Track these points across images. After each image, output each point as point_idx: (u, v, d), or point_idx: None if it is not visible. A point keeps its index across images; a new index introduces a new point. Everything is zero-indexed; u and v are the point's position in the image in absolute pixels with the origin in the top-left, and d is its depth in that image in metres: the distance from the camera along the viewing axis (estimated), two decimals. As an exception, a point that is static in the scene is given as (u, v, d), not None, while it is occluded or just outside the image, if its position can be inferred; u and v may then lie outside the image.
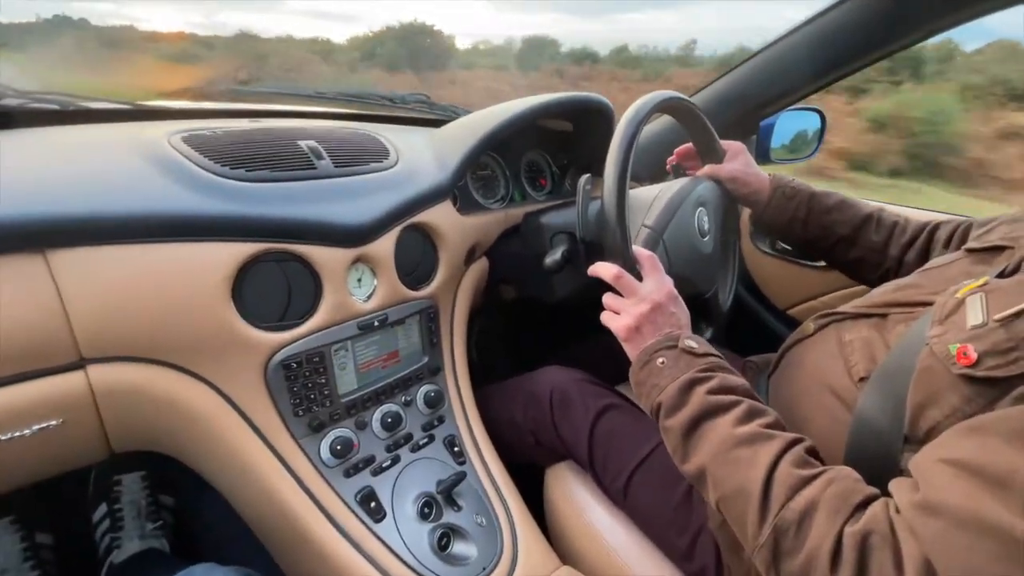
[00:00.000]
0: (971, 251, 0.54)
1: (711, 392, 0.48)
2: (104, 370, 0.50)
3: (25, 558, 0.75)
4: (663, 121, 1.06)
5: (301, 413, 0.60)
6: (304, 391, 0.60)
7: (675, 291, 0.58)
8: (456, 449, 0.70)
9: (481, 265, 0.85)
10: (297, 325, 0.59)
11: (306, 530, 0.57)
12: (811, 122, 1.08)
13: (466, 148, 0.76)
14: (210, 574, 0.46)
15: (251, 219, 0.54)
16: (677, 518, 0.63)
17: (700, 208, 0.72)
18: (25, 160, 0.52)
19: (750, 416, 0.46)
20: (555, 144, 1.01)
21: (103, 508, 0.83)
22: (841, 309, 0.58)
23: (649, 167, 1.02)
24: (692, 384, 0.49)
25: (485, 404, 0.78)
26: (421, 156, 0.76)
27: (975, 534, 0.32)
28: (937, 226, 0.71)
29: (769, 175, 0.79)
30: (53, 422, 0.49)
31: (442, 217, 0.73)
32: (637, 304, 0.56)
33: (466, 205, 0.82)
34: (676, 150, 0.84)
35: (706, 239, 0.73)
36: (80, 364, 0.49)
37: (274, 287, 0.57)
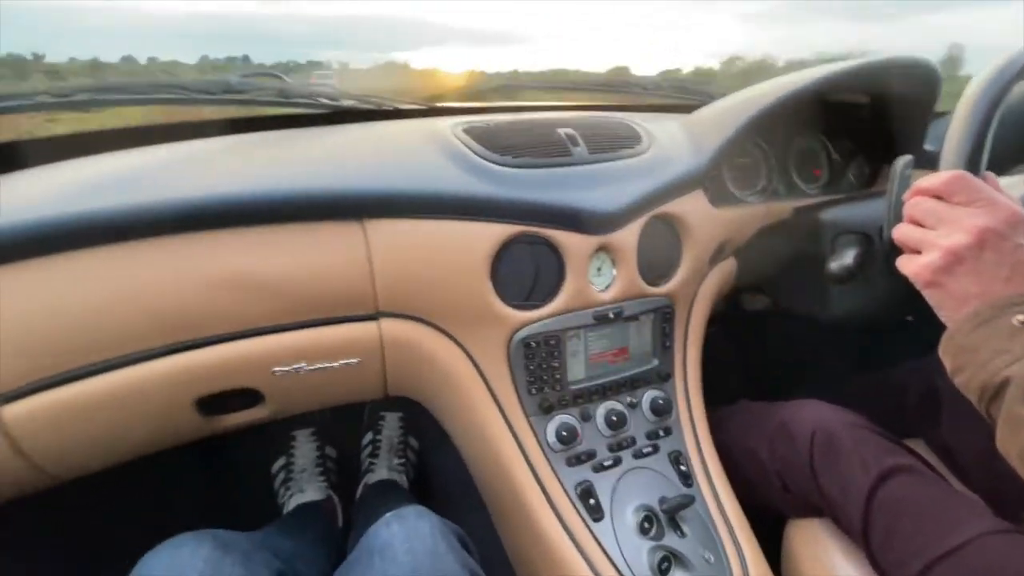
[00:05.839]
0: None
1: None
2: (392, 323, 0.60)
3: (317, 463, 0.98)
4: None
5: (534, 392, 0.62)
6: (539, 371, 0.61)
7: (1021, 212, 0.40)
8: (683, 468, 0.63)
9: (727, 266, 0.75)
10: (539, 306, 0.60)
11: (529, 510, 0.58)
12: None
13: (727, 131, 0.67)
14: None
15: (514, 202, 0.57)
16: None
17: None
18: (347, 149, 0.65)
19: None
20: (838, 125, 0.82)
21: (369, 436, 1.02)
22: None
23: (1003, 156, 0.73)
24: None
25: (716, 426, 0.69)
26: (674, 141, 0.70)
27: None
28: None
29: None
30: (353, 360, 0.60)
31: (691, 208, 0.66)
32: (950, 235, 0.40)
33: (718, 196, 0.73)
34: None
35: None
36: (375, 316, 0.60)
37: (524, 268, 0.60)
